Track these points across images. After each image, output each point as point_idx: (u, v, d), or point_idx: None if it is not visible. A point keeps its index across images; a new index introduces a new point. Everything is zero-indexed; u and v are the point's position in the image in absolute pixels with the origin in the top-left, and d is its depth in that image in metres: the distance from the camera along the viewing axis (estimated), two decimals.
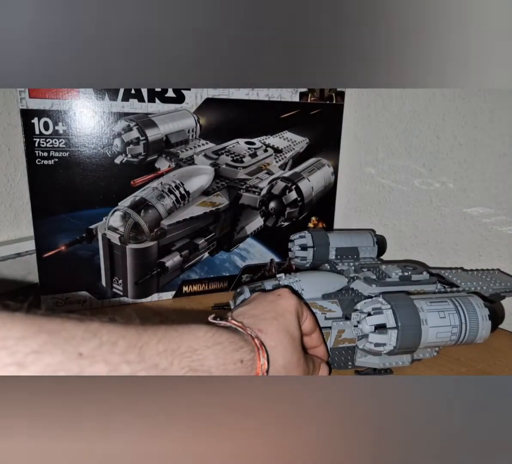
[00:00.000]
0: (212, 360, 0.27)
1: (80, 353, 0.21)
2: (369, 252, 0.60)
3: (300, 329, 0.36)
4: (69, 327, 0.22)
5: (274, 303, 0.36)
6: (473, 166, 0.63)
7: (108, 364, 0.22)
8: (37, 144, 0.54)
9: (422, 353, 0.47)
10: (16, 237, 0.74)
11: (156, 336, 0.25)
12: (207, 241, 0.66)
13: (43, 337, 0.21)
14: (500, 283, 0.55)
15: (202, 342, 0.27)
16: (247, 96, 0.63)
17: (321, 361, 0.41)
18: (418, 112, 0.67)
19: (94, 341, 0.22)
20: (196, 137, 0.62)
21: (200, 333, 0.28)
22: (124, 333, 0.24)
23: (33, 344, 0.20)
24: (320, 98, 0.69)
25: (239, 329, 0.32)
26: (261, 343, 0.31)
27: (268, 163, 0.68)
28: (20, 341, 0.20)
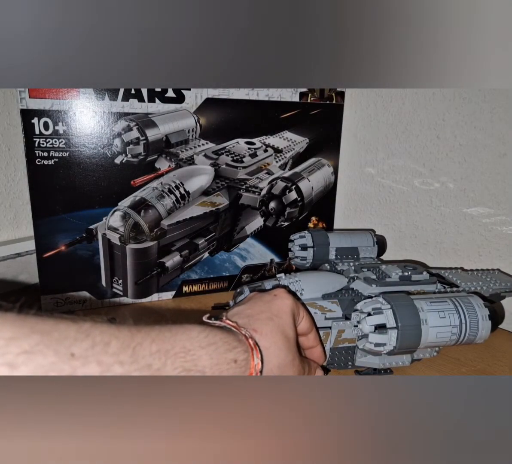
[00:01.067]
0: (205, 360, 0.27)
1: (72, 353, 0.21)
2: (369, 252, 0.60)
3: (295, 330, 0.36)
4: (61, 328, 0.22)
5: (269, 303, 0.36)
6: (473, 166, 0.63)
7: (101, 364, 0.22)
8: (37, 144, 0.54)
9: (422, 353, 0.47)
10: (16, 237, 0.74)
11: (150, 336, 0.25)
12: (207, 241, 0.66)
13: (34, 338, 0.20)
14: (500, 283, 0.55)
15: (195, 342, 0.27)
16: (247, 96, 0.63)
17: (317, 366, 0.40)
18: (418, 112, 0.67)
19: (87, 342, 0.22)
20: (196, 137, 0.62)
21: (194, 333, 0.28)
22: (117, 334, 0.24)
23: (25, 344, 0.20)
24: (320, 98, 0.69)
25: (233, 329, 0.32)
26: (255, 343, 0.31)
27: (268, 163, 0.68)
28: (11, 341, 0.20)
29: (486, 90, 0.60)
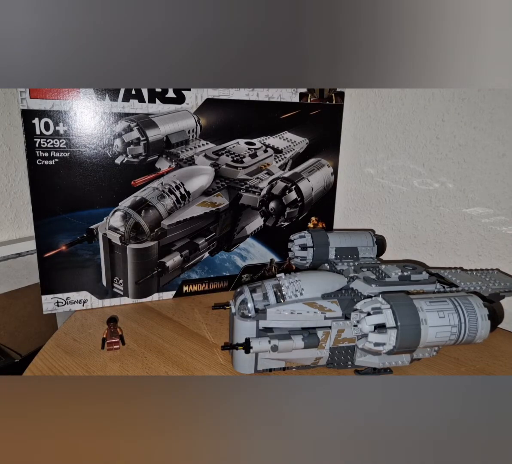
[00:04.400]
0: None
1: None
2: (368, 252, 0.60)
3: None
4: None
5: None
6: (473, 166, 0.63)
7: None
8: (37, 145, 0.54)
9: (422, 352, 0.47)
10: (17, 237, 0.74)
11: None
12: (207, 241, 0.66)
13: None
14: (499, 283, 0.55)
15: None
16: (247, 97, 0.63)
17: None
18: (418, 113, 0.67)
19: None
20: (196, 138, 0.62)
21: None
22: None
23: None
24: (320, 99, 0.69)
25: None
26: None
27: (268, 163, 0.68)
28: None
29: (485, 91, 0.60)
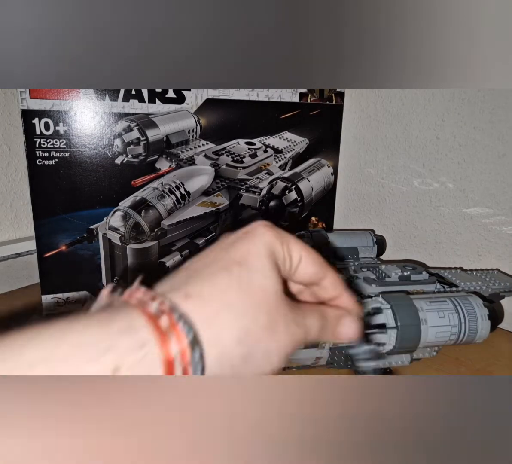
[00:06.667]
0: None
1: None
2: (368, 252, 0.60)
3: (280, 277, 0.24)
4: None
5: (232, 245, 0.24)
6: (473, 167, 0.63)
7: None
8: (37, 145, 0.54)
9: (422, 352, 0.47)
10: (17, 237, 0.74)
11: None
12: (207, 241, 0.66)
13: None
14: (499, 283, 0.55)
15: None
16: (247, 97, 0.63)
17: (341, 314, 0.27)
18: (418, 113, 0.67)
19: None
20: (196, 138, 0.62)
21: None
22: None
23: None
24: (320, 99, 0.69)
25: (134, 310, 0.20)
26: (175, 322, 0.19)
27: (268, 163, 0.68)
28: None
29: (485, 91, 0.60)
